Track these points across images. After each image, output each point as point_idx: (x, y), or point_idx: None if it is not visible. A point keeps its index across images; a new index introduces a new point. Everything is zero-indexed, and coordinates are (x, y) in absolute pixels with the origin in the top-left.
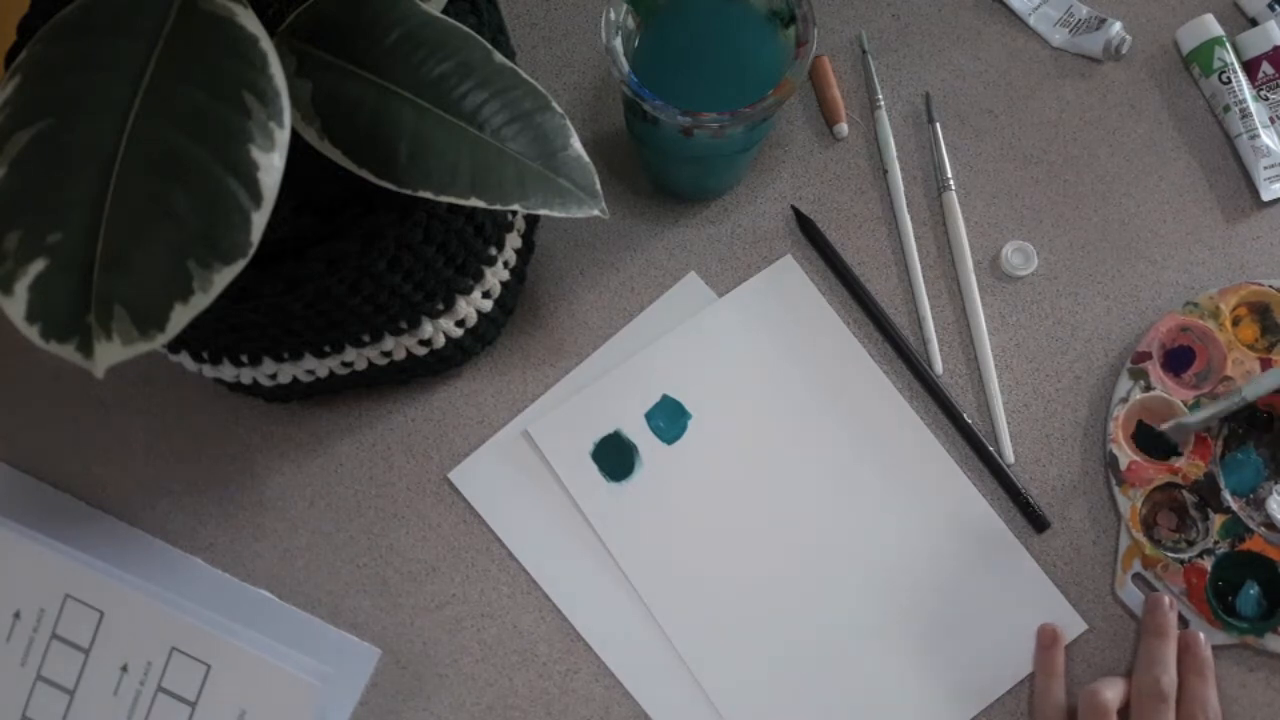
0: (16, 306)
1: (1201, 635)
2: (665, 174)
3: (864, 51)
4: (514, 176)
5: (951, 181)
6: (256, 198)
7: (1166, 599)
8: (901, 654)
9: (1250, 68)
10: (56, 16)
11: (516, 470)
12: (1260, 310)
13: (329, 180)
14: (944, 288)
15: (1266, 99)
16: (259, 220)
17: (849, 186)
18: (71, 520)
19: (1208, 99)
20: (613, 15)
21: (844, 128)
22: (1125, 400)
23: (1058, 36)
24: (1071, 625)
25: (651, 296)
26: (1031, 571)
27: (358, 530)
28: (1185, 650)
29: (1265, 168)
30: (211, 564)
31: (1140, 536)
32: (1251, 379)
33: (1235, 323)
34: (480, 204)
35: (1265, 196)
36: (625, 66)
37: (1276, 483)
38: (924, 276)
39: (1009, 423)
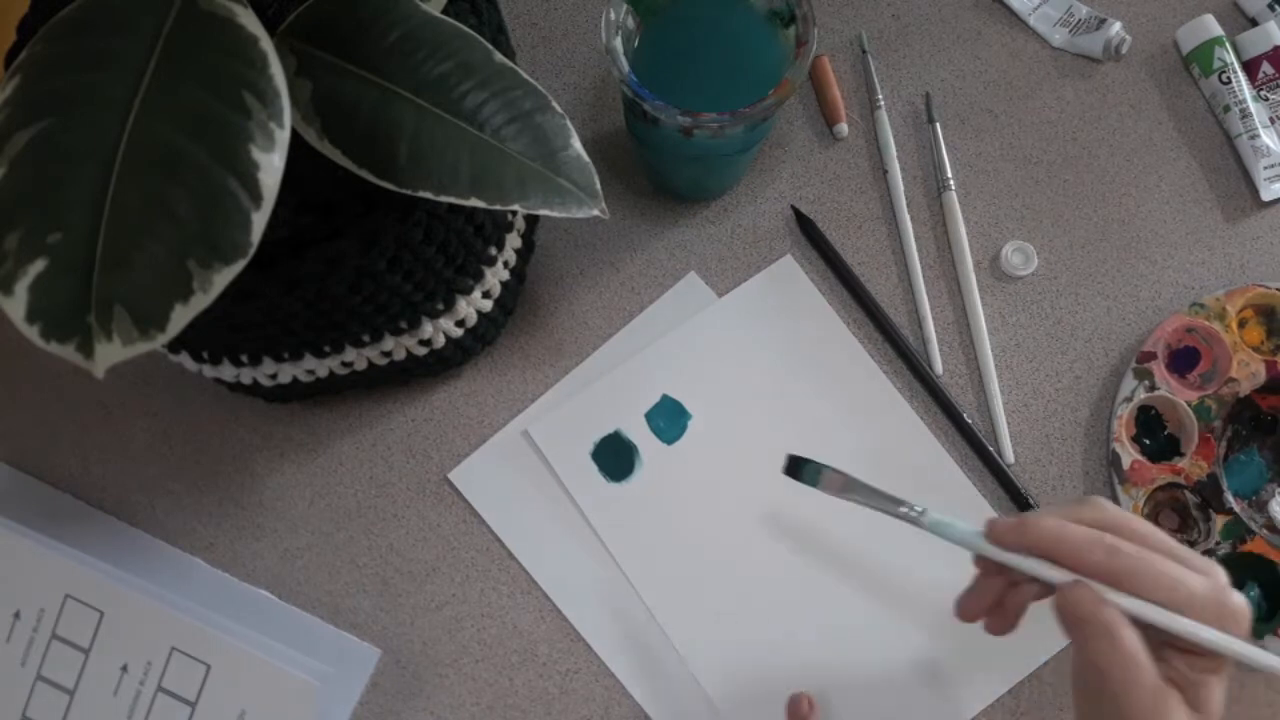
0: (16, 306)
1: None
2: (665, 174)
3: (864, 51)
4: (514, 176)
5: (951, 181)
6: (256, 198)
7: None
8: (901, 654)
9: (1250, 68)
10: (56, 16)
11: (516, 470)
12: (1267, 313)
13: (329, 180)
14: (944, 288)
15: (1266, 99)
16: (259, 220)
17: (849, 186)
18: (71, 520)
19: (1208, 99)
20: (613, 15)
21: (844, 128)
22: (1129, 399)
23: (1058, 36)
24: None
25: (651, 296)
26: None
27: (358, 530)
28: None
29: (1265, 168)
30: (211, 564)
31: None
32: (950, 521)
33: (1241, 325)
34: (480, 204)
35: (1265, 196)
36: (625, 66)
37: (1279, 485)
38: (924, 276)
39: (1009, 423)
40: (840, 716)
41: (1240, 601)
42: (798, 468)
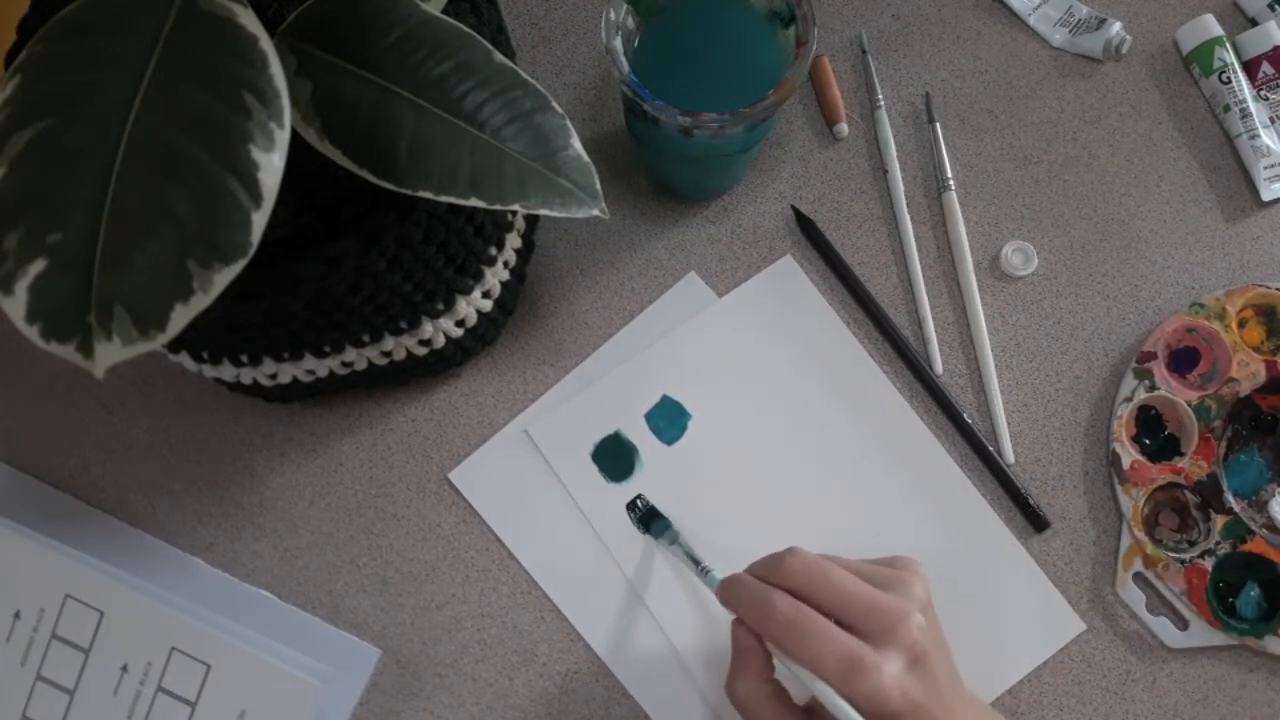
0: (16, 306)
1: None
2: (665, 174)
3: (864, 51)
4: (514, 176)
5: (951, 181)
6: (256, 198)
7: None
8: None
9: (1250, 68)
10: (56, 16)
11: (516, 470)
12: (1267, 313)
13: (329, 180)
14: (944, 288)
15: (1266, 99)
16: (259, 220)
17: (849, 186)
18: (71, 520)
19: (1208, 99)
20: (613, 15)
21: (844, 128)
22: (1129, 399)
23: (1058, 36)
24: (1070, 625)
25: (651, 296)
26: (1031, 571)
27: (358, 530)
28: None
29: (1265, 168)
30: (211, 564)
31: (1142, 536)
32: (716, 577)
33: (1241, 324)
34: (480, 204)
35: (1265, 196)
36: (625, 66)
37: (1279, 485)
38: (924, 276)
39: (1009, 423)
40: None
41: (872, 684)
42: (650, 519)
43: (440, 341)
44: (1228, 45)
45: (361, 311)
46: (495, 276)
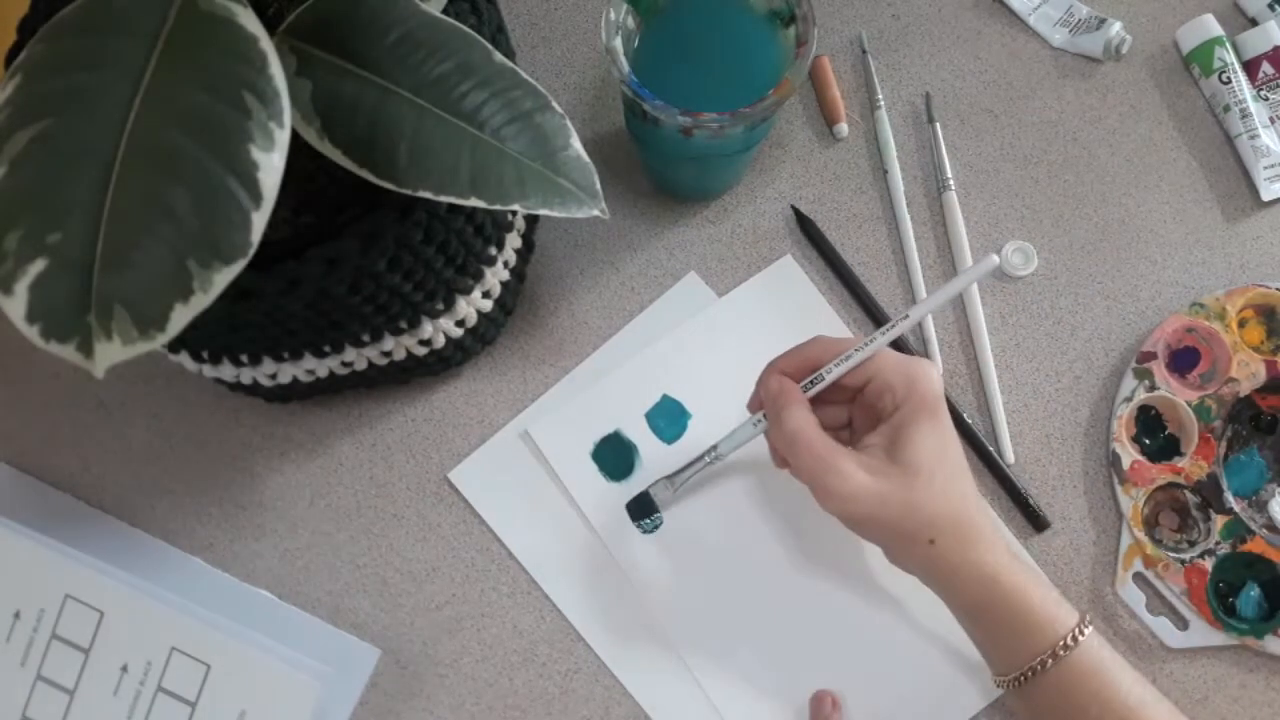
0: (17, 306)
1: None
2: (665, 174)
3: (864, 51)
4: (514, 176)
5: (951, 181)
6: (256, 198)
7: None
8: (900, 653)
9: (1250, 68)
10: (56, 16)
11: (516, 470)
12: (1266, 313)
13: (329, 180)
14: None
15: (1266, 99)
16: (259, 220)
17: (849, 186)
18: (71, 520)
19: (1208, 99)
20: (613, 15)
21: (844, 128)
22: (1129, 399)
23: (1058, 36)
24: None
25: (651, 296)
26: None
27: (358, 530)
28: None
29: (1265, 168)
30: (211, 564)
31: (1142, 536)
32: (728, 434)
33: (1241, 324)
34: (480, 204)
35: (1265, 196)
36: (625, 66)
37: (1279, 485)
38: (924, 276)
39: (1009, 423)
40: (845, 715)
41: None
42: (639, 507)
43: (440, 341)
44: (1228, 45)
45: (361, 311)
46: (495, 276)
